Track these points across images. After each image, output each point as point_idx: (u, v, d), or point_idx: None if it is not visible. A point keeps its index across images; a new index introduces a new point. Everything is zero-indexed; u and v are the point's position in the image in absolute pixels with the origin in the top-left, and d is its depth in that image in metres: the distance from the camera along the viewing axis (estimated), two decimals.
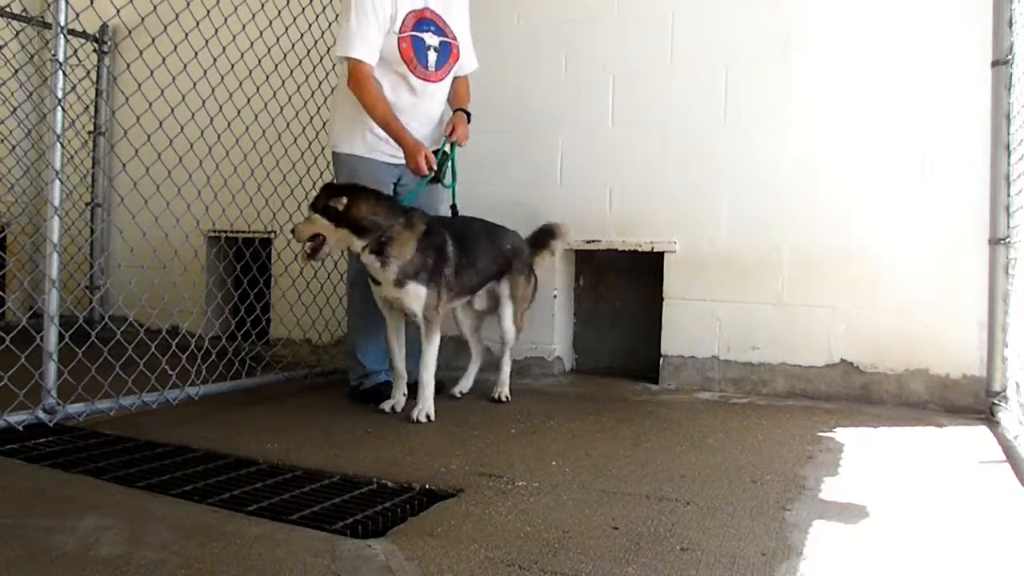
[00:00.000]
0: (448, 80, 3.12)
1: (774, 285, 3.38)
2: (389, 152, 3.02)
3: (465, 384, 3.30)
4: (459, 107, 3.16)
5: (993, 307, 2.98)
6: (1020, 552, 1.70)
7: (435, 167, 2.95)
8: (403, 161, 3.01)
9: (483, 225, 3.16)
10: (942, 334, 3.11)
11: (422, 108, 3.05)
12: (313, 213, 2.80)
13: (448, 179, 3.10)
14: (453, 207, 3.14)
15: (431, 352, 2.86)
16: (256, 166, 3.55)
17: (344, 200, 2.73)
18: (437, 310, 2.88)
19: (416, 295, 2.82)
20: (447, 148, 3.06)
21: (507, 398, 3.18)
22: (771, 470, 2.23)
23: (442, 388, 3.14)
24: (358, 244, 2.78)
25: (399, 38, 2.91)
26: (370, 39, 2.86)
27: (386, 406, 2.96)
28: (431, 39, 3.00)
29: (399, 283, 2.80)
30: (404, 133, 2.91)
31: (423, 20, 2.99)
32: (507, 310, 3.17)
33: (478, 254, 3.07)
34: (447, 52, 3.06)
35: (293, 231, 2.85)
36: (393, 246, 2.78)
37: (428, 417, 2.80)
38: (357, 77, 2.88)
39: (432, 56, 3.00)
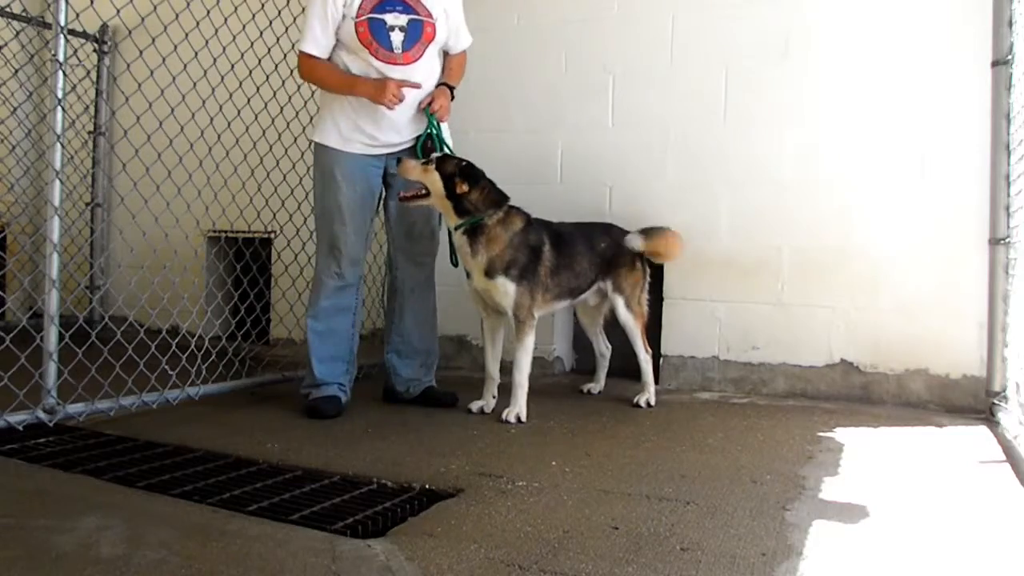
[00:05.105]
0: (425, 61, 2.92)
1: (774, 285, 3.38)
2: (366, 142, 2.90)
3: (596, 386, 3.40)
4: (442, 82, 3.00)
5: (993, 307, 2.98)
6: (1020, 552, 1.70)
7: (401, 100, 2.79)
8: (389, 150, 2.93)
9: (574, 225, 3.14)
10: (942, 334, 3.11)
11: None
12: (431, 167, 2.78)
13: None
14: None
15: (522, 355, 2.85)
16: (256, 166, 3.54)
17: (466, 186, 2.75)
18: (531, 312, 2.86)
19: (505, 291, 2.81)
20: (432, 124, 2.92)
21: (649, 404, 3.10)
22: (771, 470, 2.23)
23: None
24: (454, 221, 2.82)
25: (356, 22, 2.79)
26: (316, 32, 2.83)
27: (474, 407, 2.95)
28: (395, 19, 2.82)
29: (489, 274, 2.80)
30: (358, 84, 2.83)
31: (387, 0, 2.84)
32: (619, 302, 3.11)
33: (574, 256, 3.02)
34: (418, 31, 2.86)
35: (400, 163, 2.80)
36: (486, 234, 2.79)
37: (519, 418, 2.81)
38: (303, 70, 2.90)
39: (397, 37, 2.83)
